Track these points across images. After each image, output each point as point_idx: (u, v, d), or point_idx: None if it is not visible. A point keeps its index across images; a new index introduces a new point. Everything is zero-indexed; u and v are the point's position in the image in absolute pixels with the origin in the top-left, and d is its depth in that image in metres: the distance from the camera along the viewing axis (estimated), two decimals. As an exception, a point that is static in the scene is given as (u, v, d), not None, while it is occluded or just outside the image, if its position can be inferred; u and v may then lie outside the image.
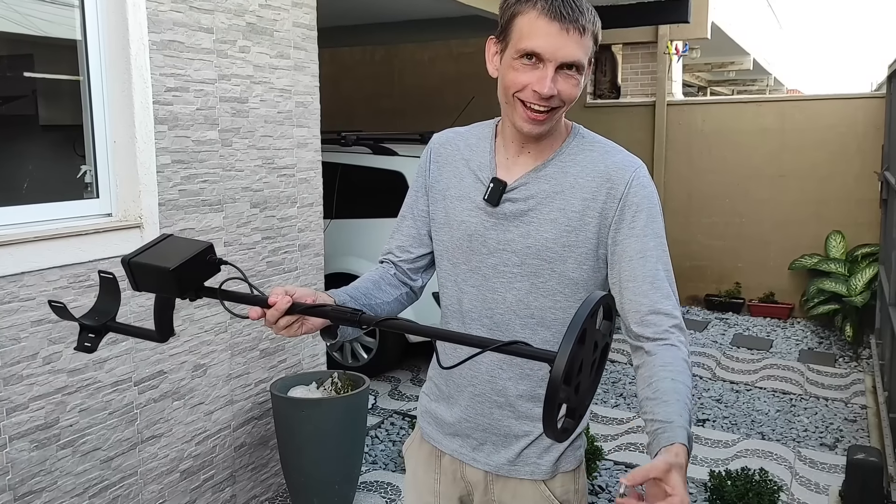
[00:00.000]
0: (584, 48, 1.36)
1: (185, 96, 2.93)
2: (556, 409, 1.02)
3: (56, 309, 1.30)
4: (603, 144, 1.50)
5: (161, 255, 1.27)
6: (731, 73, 14.89)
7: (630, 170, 1.44)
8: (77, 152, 2.80)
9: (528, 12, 1.35)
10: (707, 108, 7.73)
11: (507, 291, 1.48)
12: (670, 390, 1.28)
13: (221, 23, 3.06)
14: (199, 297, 1.30)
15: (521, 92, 1.38)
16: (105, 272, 1.35)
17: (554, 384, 1.00)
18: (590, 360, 1.10)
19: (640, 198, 1.43)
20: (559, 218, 1.44)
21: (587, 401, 1.12)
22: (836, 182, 7.03)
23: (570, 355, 1.00)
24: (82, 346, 1.33)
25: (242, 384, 3.32)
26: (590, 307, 1.05)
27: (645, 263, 1.41)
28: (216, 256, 1.31)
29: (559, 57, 1.34)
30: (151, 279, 1.27)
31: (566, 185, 1.45)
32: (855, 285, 6.41)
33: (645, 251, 1.42)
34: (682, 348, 1.37)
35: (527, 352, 1.11)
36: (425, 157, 1.64)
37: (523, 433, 1.54)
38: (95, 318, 1.33)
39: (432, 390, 1.67)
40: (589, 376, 1.11)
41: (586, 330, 1.04)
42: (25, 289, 2.43)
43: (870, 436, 4.51)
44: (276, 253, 3.46)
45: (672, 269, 1.45)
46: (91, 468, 2.68)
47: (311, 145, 3.61)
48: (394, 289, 1.59)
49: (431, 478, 1.65)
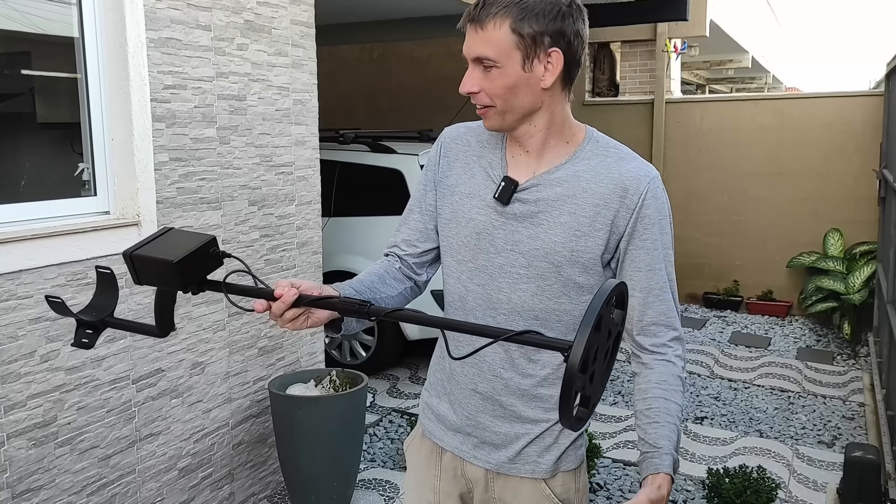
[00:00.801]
0: (488, 41, 1.37)
1: (183, 94, 2.92)
2: (572, 395, 1.01)
3: (53, 304, 1.28)
4: (618, 150, 1.49)
5: (163, 247, 1.25)
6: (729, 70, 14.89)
7: (645, 180, 1.44)
8: (75, 150, 2.79)
9: None
10: (705, 106, 7.73)
11: (512, 292, 1.48)
12: (662, 410, 1.43)
13: (219, 20, 3.05)
14: (201, 291, 1.28)
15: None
16: (102, 267, 1.34)
17: (570, 372, 0.99)
18: (604, 347, 1.09)
19: (653, 210, 1.44)
20: (569, 222, 1.44)
21: (600, 390, 1.12)
22: (834, 180, 7.04)
23: (586, 343, 0.99)
24: (79, 343, 1.32)
25: (241, 382, 3.32)
26: (606, 294, 1.04)
27: (652, 276, 1.45)
28: (219, 249, 1.29)
29: (470, 55, 1.41)
30: (154, 272, 1.25)
31: (578, 190, 1.44)
32: (853, 283, 6.42)
33: (654, 264, 1.44)
34: (678, 364, 1.48)
35: (540, 340, 1.10)
36: (435, 151, 1.63)
37: (525, 431, 1.53)
38: (93, 314, 1.32)
39: (434, 387, 1.67)
40: (602, 365, 1.10)
41: (602, 317, 1.03)
42: (23, 286, 2.43)
43: (867, 433, 4.51)
44: (275, 251, 3.45)
45: (675, 278, 1.51)
46: (89, 466, 2.68)
47: (310, 143, 3.61)
48: (398, 283, 1.58)
49: (432, 475, 1.65)
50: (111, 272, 1.33)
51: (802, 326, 6.93)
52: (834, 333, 6.67)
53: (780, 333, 6.73)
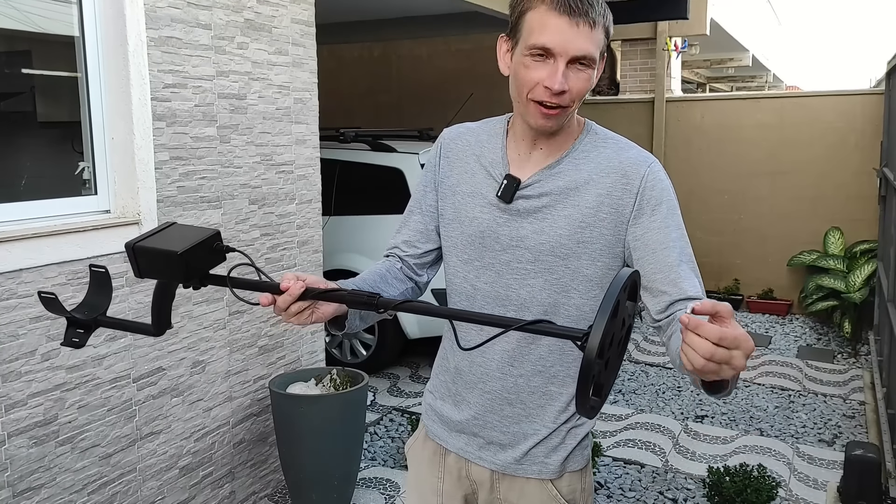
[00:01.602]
0: (594, 41, 1.35)
1: (184, 93, 2.92)
2: (590, 381, 1.00)
3: (46, 301, 1.25)
4: (616, 141, 1.50)
5: (167, 240, 1.24)
6: (730, 69, 14.90)
7: (644, 165, 1.44)
8: (75, 149, 2.79)
9: (538, 7, 1.35)
10: (706, 105, 7.72)
11: (520, 287, 1.47)
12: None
13: (219, 19, 3.05)
14: (203, 286, 1.27)
15: (533, 91, 1.37)
16: (97, 266, 1.32)
17: (589, 357, 0.98)
18: (619, 336, 1.08)
19: (657, 191, 1.43)
20: (573, 214, 1.44)
21: (612, 378, 1.10)
22: (834, 178, 7.03)
23: (605, 327, 0.98)
24: (69, 342, 1.30)
25: (241, 381, 3.32)
26: (623, 280, 1.03)
27: (669, 254, 1.40)
28: (223, 244, 1.28)
29: (569, 51, 1.33)
30: (156, 265, 1.24)
31: (580, 182, 1.44)
32: (853, 282, 6.41)
33: (667, 242, 1.41)
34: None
35: (553, 330, 1.09)
36: (435, 152, 1.62)
37: (532, 432, 1.53)
38: (85, 313, 1.30)
39: (438, 388, 1.66)
40: (616, 352, 1.09)
41: (619, 302, 1.02)
42: (24, 285, 2.43)
43: (868, 432, 4.51)
44: (275, 250, 3.45)
45: (695, 258, 1.45)
46: (90, 465, 2.68)
47: (310, 142, 3.61)
48: (400, 283, 1.58)
49: (435, 476, 1.64)
50: (106, 271, 1.31)
51: (803, 325, 6.93)
52: (834, 332, 6.66)
53: (781, 332, 6.73)
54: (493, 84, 1.35)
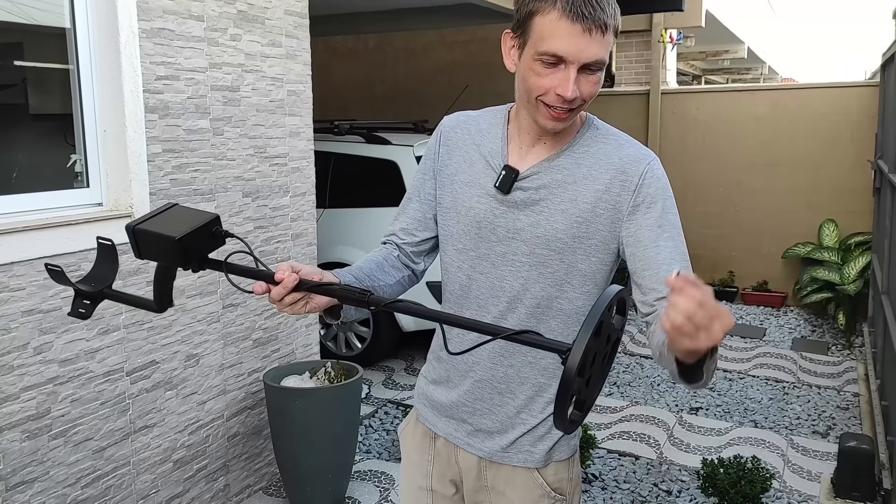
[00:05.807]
0: (605, 46, 1.34)
1: (176, 85, 2.90)
2: (568, 400, 1.01)
3: (53, 273, 1.28)
4: (617, 137, 1.49)
5: (167, 223, 1.25)
6: (725, 61, 14.90)
7: (644, 162, 1.44)
8: (67, 141, 2.77)
9: (549, 12, 1.31)
10: (701, 97, 7.72)
11: (514, 280, 1.47)
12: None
13: (212, 10, 3.03)
14: (202, 269, 1.28)
15: (545, 95, 1.36)
16: (104, 238, 1.32)
17: (568, 376, 0.98)
18: (602, 352, 1.08)
19: (654, 189, 1.43)
20: (570, 209, 1.43)
21: (595, 394, 1.11)
22: (829, 170, 7.04)
23: (585, 347, 0.98)
24: (76, 313, 1.31)
25: (235, 374, 3.31)
26: (608, 300, 1.04)
27: (660, 252, 1.40)
28: (222, 229, 1.28)
29: (582, 59, 1.32)
30: (156, 247, 1.25)
31: (579, 176, 1.44)
32: (848, 274, 6.43)
33: (660, 240, 1.41)
34: None
35: (539, 342, 1.09)
36: (435, 140, 1.61)
37: (520, 421, 1.54)
38: (91, 285, 1.31)
39: (430, 373, 1.67)
40: (599, 369, 1.09)
41: (603, 322, 1.03)
42: (15, 279, 2.42)
43: (862, 423, 4.53)
44: (269, 242, 3.44)
45: (689, 258, 1.44)
46: (83, 458, 2.67)
47: (304, 134, 3.59)
48: (396, 271, 1.58)
49: (425, 460, 1.66)
50: (112, 244, 1.32)
51: (797, 317, 6.95)
52: (829, 324, 6.68)
53: (775, 324, 6.74)
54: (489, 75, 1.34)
